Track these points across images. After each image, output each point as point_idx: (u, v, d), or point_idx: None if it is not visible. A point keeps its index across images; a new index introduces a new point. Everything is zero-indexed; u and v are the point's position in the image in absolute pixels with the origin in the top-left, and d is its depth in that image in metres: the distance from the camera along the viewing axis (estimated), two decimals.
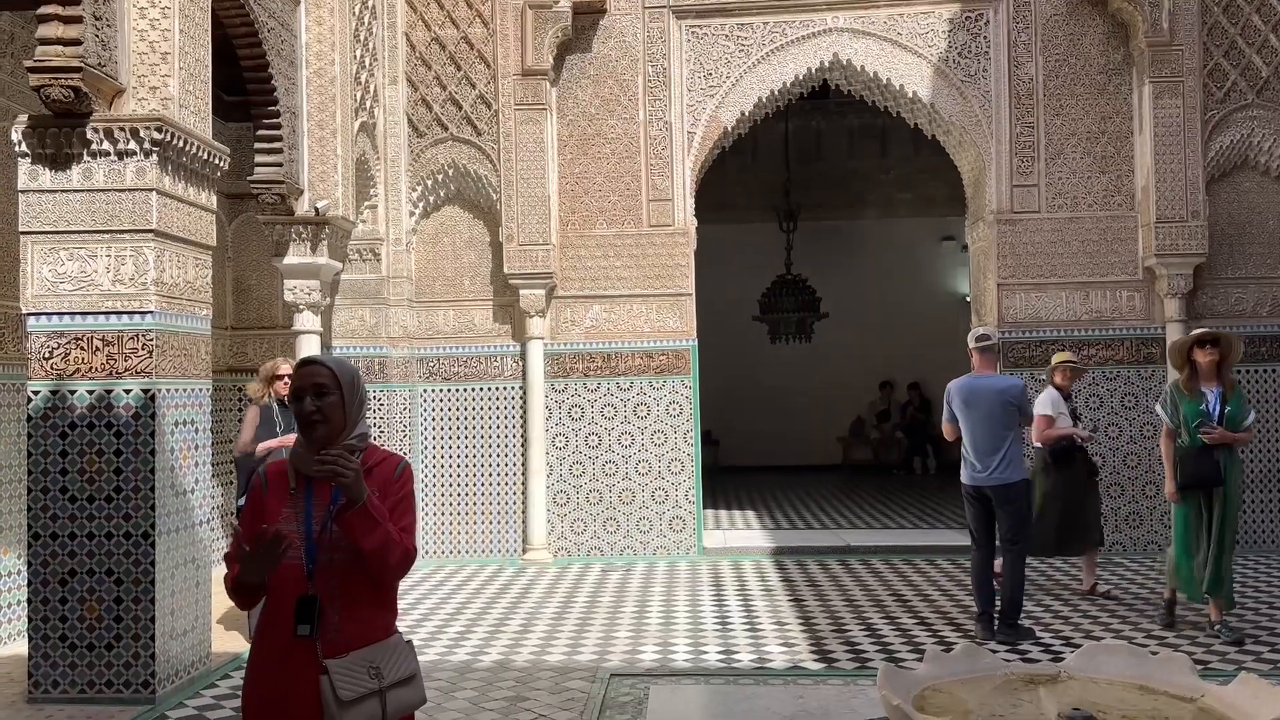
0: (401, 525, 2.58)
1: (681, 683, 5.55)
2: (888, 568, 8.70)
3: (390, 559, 2.51)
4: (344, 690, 2.44)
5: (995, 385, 6.35)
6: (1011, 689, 3.67)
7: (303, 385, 2.59)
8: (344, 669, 2.47)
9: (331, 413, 2.58)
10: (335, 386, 2.60)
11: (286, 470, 2.64)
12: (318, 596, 2.50)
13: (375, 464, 2.64)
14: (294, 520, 2.56)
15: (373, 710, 2.49)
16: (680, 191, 9.35)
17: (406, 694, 2.58)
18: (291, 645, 2.49)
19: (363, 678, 2.48)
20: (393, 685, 2.53)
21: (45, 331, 5.26)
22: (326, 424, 2.57)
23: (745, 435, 17.18)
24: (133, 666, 5.18)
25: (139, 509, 5.25)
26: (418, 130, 9.34)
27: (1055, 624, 6.64)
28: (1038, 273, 9.25)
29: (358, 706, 2.46)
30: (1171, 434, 6.29)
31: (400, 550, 2.53)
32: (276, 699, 2.51)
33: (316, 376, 2.60)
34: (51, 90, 4.98)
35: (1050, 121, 9.28)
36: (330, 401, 2.58)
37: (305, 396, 2.57)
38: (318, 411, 2.56)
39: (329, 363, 2.64)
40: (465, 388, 9.40)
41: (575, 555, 9.27)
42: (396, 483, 2.64)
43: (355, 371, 2.69)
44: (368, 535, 2.47)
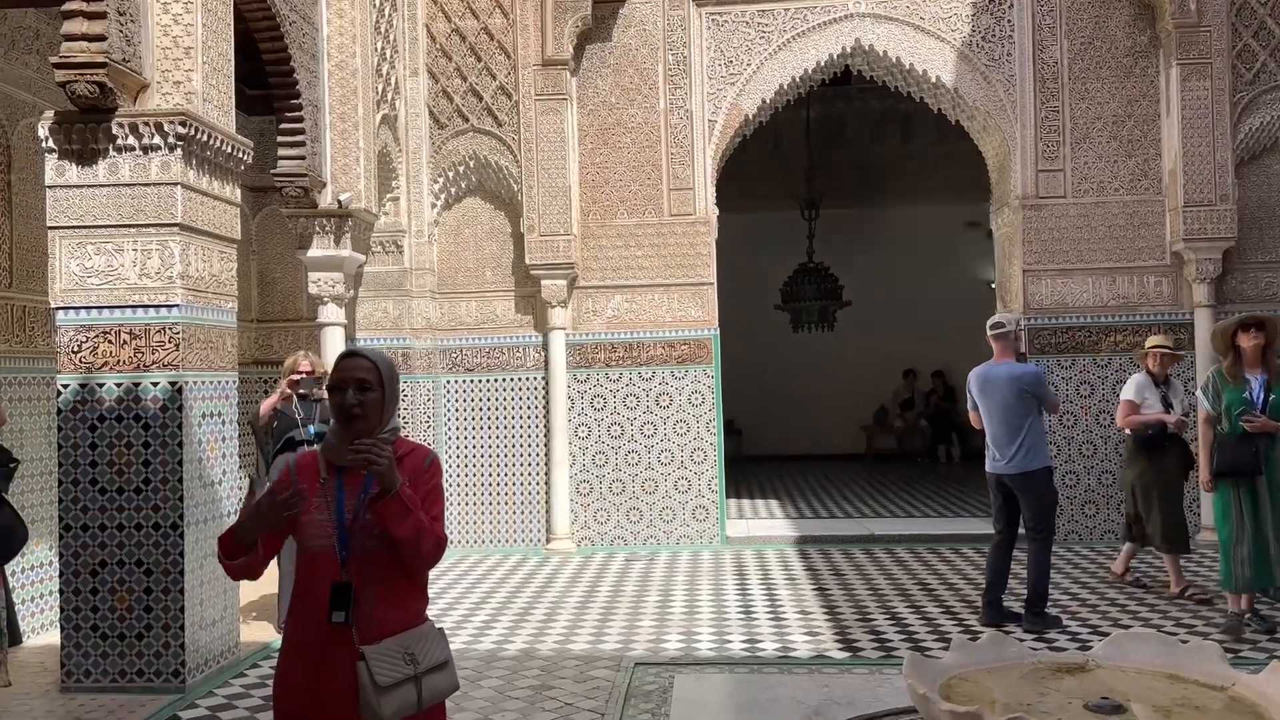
0: (432, 514, 2.60)
1: (706, 672, 5.56)
2: (912, 556, 8.67)
3: (423, 546, 2.54)
4: (381, 676, 2.46)
5: (1009, 373, 6.29)
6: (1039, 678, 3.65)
7: (345, 378, 2.60)
8: (380, 655, 2.49)
9: (371, 408, 2.60)
10: (377, 383, 2.61)
11: (317, 461, 2.66)
12: (352, 584, 2.52)
13: (404, 454, 2.66)
14: (325, 509, 2.58)
15: (409, 696, 2.51)
16: (701, 180, 9.33)
17: (440, 679, 2.60)
18: (326, 633, 2.51)
19: (399, 663, 2.50)
20: (428, 671, 2.56)
21: (74, 325, 5.31)
22: (365, 419, 2.59)
23: (768, 424, 17.15)
24: (163, 656, 5.24)
25: (167, 500, 5.30)
26: (439, 122, 9.35)
27: (1082, 612, 6.60)
28: (1064, 258, 9.16)
29: (394, 692, 2.48)
30: (1209, 421, 6.10)
31: (432, 538, 2.55)
32: (311, 686, 2.53)
33: (360, 371, 2.61)
34: (77, 86, 5.02)
35: (1075, 105, 9.17)
36: (371, 398, 2.60)
37: (347, 389, 2.58)
38: (359, 405, 2.58)
39: (372, 357, 2.65)
40: (488, 379, 9.43)
41: (599, 545, 9.30)
42: (426, 473, 2.65)
43: (395, 368, 2.71)
44: (401, 523, 2.49)
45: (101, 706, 5.01)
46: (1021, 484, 6.24)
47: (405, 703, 2.50)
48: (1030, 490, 6.24)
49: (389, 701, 2.47)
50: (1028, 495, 6.25)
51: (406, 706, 2.51)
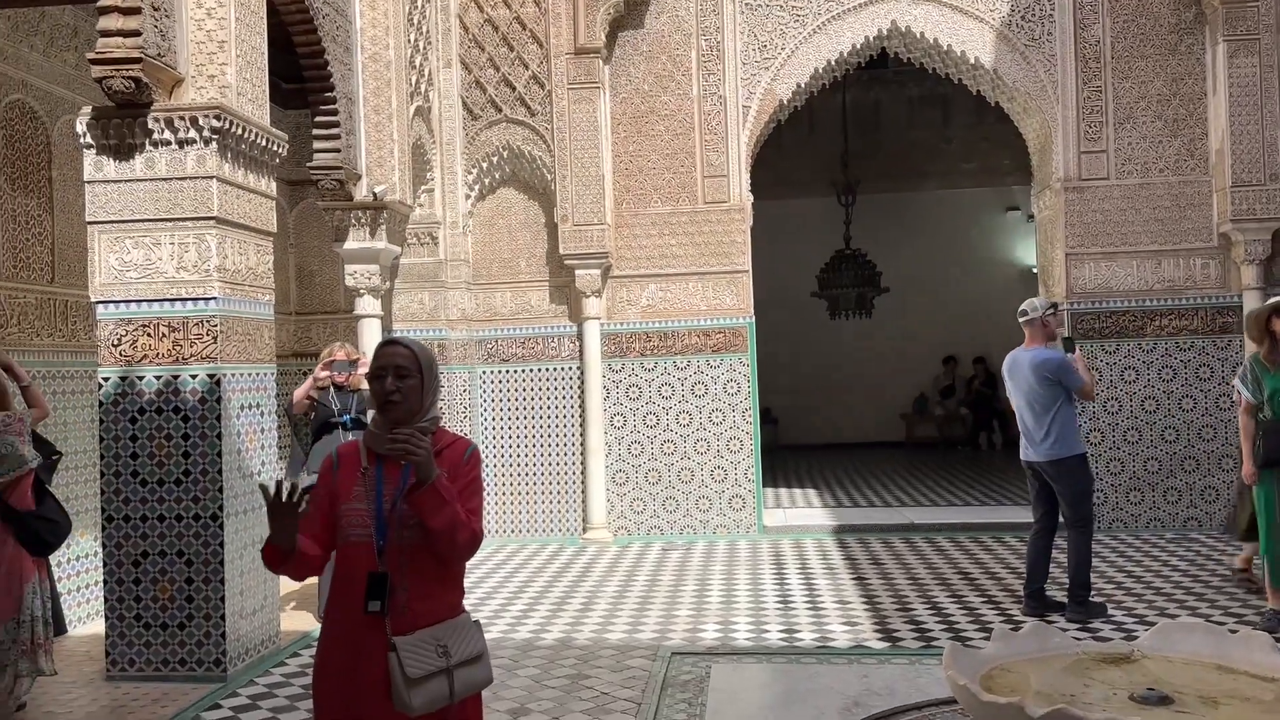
0: (469, 507, 2.59)
1: (743, 661, 5.53)
2: (953, 545, 8.57)
3: (458, 539, 2.53)
4: (412, 668, 2.46)
5: (1033, 359, 6.19)
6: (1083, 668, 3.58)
7: (384, 365, 2.61)
8: (412, 646, 2.49)
9: (410, 395, 2.60)
10: (416, 369, 2.62)
11: (358, 450, 2.67)
12: (388, 573, 2.52)
13: (445, 446, 2.65)
14: (364, 498, 2.58)
15: (440, 689, 2.50)
16: (735, 167, 9.25)
17: (474, 673, 2.59)
18: (361, 622, 2.51)
19: (431, 656, 2.50)
20: (460, 664, 2.55)
21: (113, 319, 5.37)
22: (404, 405, 2.59)
23: (805, 413, 17.05)
24: (204, 645, 5.30)
25: (207, 491, 5.35)
26: (472, 113, 9.36)
27: (1128, 601, 6.48)
28: (1107, 241, 8.98)
29: (425, 684, 2.47)
30: (1251, 409, 5.87)
31: (468, 531, 2.54)
32: (347, 675, 2.54)
33: (398, 358, 2.61)
34: (113, 81, 5.06)
35: (1119, 84, 8.98)
36: (410, 384, 2.60)
37: (386, 376, 2.59)
38: (397, 392, 2.58)
39: (411, 345, 2.66)
40: (523, 369, 9.44)
41: (635, 534, 9.28)
42: (465, 465, 2.65)
43: (434, 356, 2.72)
44: (436, 514, 2.49)
45: (145, 695, 5.08)
46: (1054, 472, 6.15)
47: (436, 695, 2.49)
48: (1063, 478, 6.14)
49: (419, 693, 2.46)
50: (1060, 483, 6.15)
51: (438, 699, 2.50)
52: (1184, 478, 8.84)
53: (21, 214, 6.20)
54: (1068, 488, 6.14)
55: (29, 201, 6.27)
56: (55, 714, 4.86)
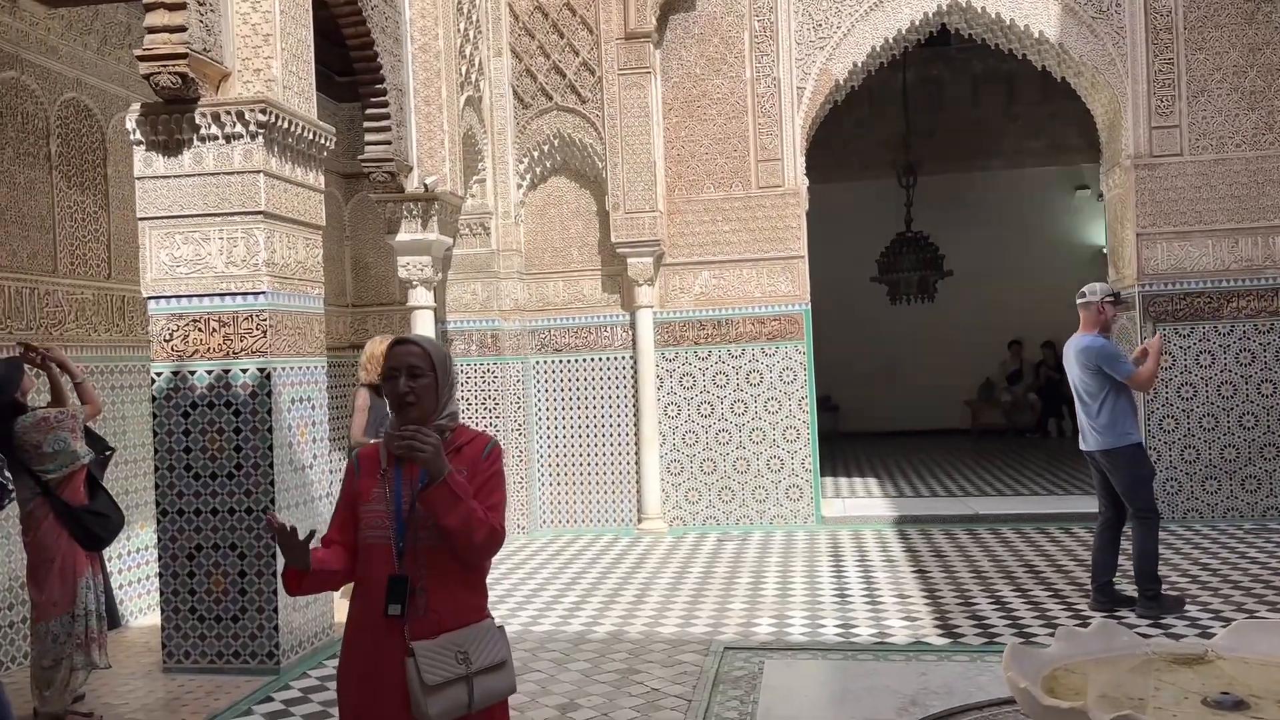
0: (489, 504, 2.52)
1: (798, 657, 5.40)
2: (1019, 537, 8.32)
3: (476, 537, 2.45)
4: (429, 674, 2.39)
5: (1078, 346, 6.00)
6: (1152, 669, 3.41)
7: (397, 365, 2.55)
8: (430, 652, 2.42)
9: (424, 394, 2.54)
10: (429, 368, 2.56)
11: (379, 452, 2.62)
12: (407, 576, 2.46)
13: (465, 443, 2.59)
14: (383, 500, 2.53)
15: (458, 697, 2.42)
16: (790, 150, 9.06)
17: (495, 681, 2.51)
18: (382, 625, 2.46)
19: (450, 662, 2.43)
20: (481, 671, 2.47)
21: (165, 314, 5.41)
22: (419, 405, 2.53)
23: (867, 400, 16.77)
24: (258, 638, 5.33)
25: (259, 485, 5.37)
26: (523, 101, 9.30)
27: (1203, 596, 6.21)
28: (1180, 220, 8.62)
29: (443, 691, 2.40)
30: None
31: (486, 528, 2.47)
32: (368, 679, 2.49)
33: (411, 357, 2.55)
34: (160, 77, 5.08)
35: (1192, 56, 8.60)
36: (424, 383, 2.54)
37: (399, 377, 2.53)
38: (411, 393, 2.53)
39: (423, 343, 2.60)
40: (576, 358, 9.39)
41: (690, 525, 9.19)
42: (485, 461, 2.58)
43: (447, 353, 2.66)
44: (450, 512, 2.42)
45: (200, 687, 5.13)
46: (1108, 462, 5.94)
47: (454, 704, 2.41)
48: (1118, 468, 5.91)
49: (436, 701, 2.39)
50: (1116, 473, 5.93)
51: (455, 708, 2.42)
52: (1263, 465, 8.47)
53: (78, 211, 6.29)
54: (1122, 478, 5.91)
55: (85, 199, 6.36)
56: (113, 705, 4.92)
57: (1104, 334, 6.01)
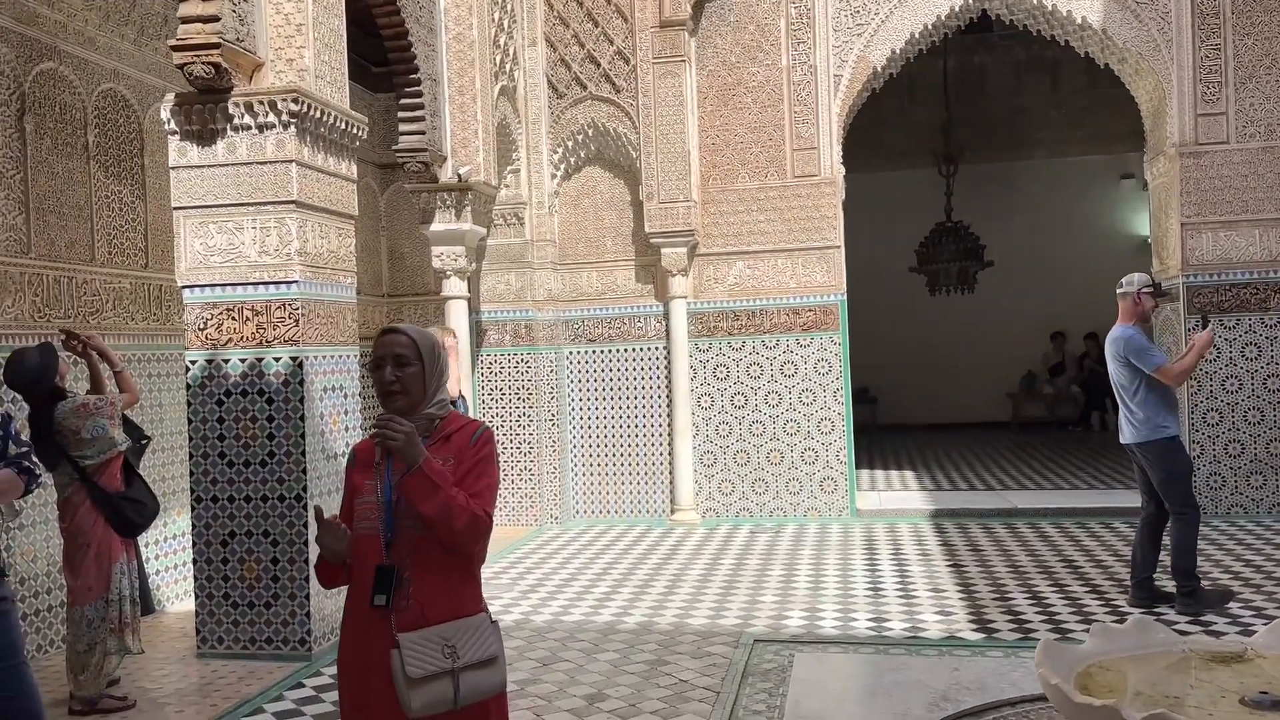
0: (474, 490, 2.46)
1: (828, 650, 5.34)
2: (1058, 531, 8.18)
3: (455, 524, 2.39)
4: (413, 667, 2.34)
5: (1111, 337, 5.90)
6: (1188, 667, 3.32)
7: (383, 355, 2.51)
8: (415, 644, 2.37)
9: (411, 384, 2.50)
10: (416, 357, 2.51)
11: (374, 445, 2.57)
12: (394, 567, 2.43)
13: (454, 430, 2.55)
14: (374, 492, 2.51)
15: (443, 691, 2.36)
16: (826, 139, 8.96)
17: (483, 677, 2.44)
18: (371, 616, 2.43)
19: (435, 655, 2.37)
20: (468, 667, 2.41)
21: (199, 303, 5.46)
22: (406, 395, 2.50)
23: (905, 392, 16.60)
24: (290, 624, 5.38)
25: (291, 473, 5.41)
26: (557, 91, 9.27)
27: (1245, 593, 6.06)
28: (1227, 209, 8.41)
29: (427, 685, 2.35)
30: None
31: (467, 515, 2.40)
32: (359, 670, 2.47)
33: (397, 346, 2.51)
34: (193, 67, 5.12)
35: (1240, 42, 8.38)
36: (411, 372, 2.50)
37: (385, 366, 2.49)
38: (397, 382, 2.49)
39: (410, 331, 2.56)
40: (610, 349, 9.37)
41: (723, 516, 9.14)
42: (473, 447, 2.52)
43: (435, 341, 2.61)
44: (427, 500, 2.38)
45: (232, 673, 5.18)
46: (1144, 455, 5.82)
47: (439, 698, 2.36)
48: (1154, 462, 5.79)
49: (419, 695, 2.33)
50: (1152, 468, 5.81)
51: (440, 702, 2.36)
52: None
53: (115, 201, 6.36)
54: (1158, 472, 5.79)
55: (122, 188, 6.43)
56: (147, 689, 4.99)
57: (1142, 325, 5.89)
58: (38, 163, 5.74)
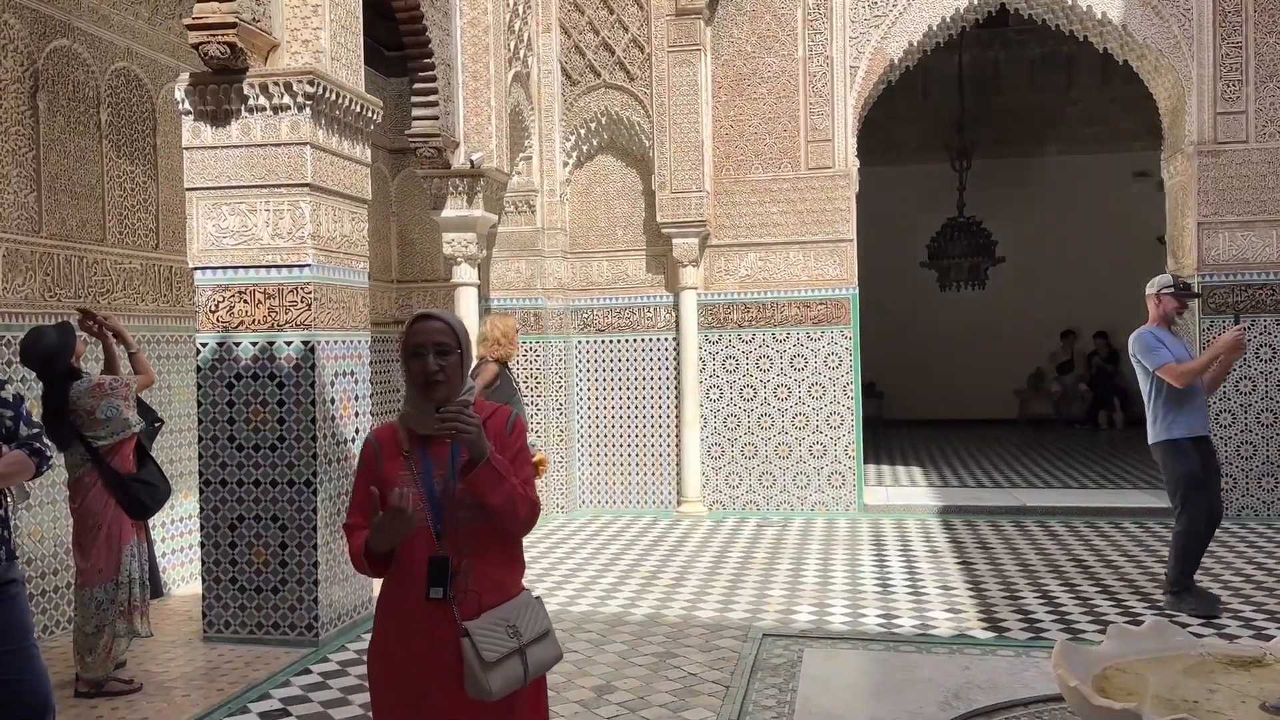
0: (521, 478, 2.48)
1: (838, 646, 5.31)
2: (1067, 530, 8.14)
3: (520, 512, 2.44)
4: (487, 651, 2.36)
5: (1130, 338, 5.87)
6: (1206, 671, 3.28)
7: (423, 343, 2.46)
8: (484, 629, 2.39)
9: (453, 372, 2.48)
10: (456, 345, 2.49)
11: (395, 432, 2.53)
12: (449, 557, 2.42)
13: (486, 417, 2.52)
14: (412, 482, 2.46)
15: (515, 669, 2.41)
16: (841, 131, 8.90)
17: (544, 650, 2.50)
18: (424, 609, 2.41)
19: (503, 637, 2.41)
20: (531, 642, 2.46)
21: (211, 285, 5.42)
22: (448, 384, 2.47)
23: (912, 387, 16.54)
24: (297, 610, 5.35)
25: (301, 457, 5.38)
26: (570, 78, 9.21)
27: (1258, 596, 6.02)
28: (1244, 209, 8.34)
29: (501, 666, 2.38)
30: None
31: (527, 503, 2.45)
32: (415, 665, 2.44)
33: (438, 334, 2.47)
34: (208, 46, 5.07)
35: (1262, 40, 8.30)
36: (452, 361, 2.47)
37: (427, 354, 2.45)
38: (441, 371, 2.45)
39: (448, 319, 2.52)
40: (619, 339, 9.32)
41: (730, 509, 9.11)
42: (510, 436, 2.53)
43: (465, 326, 2.61)
44: (495, 491, 2.38)
45: (239, 658, 5.15)
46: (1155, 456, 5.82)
47: (512, 676, 2.40)
48: (1162, 465, 5.78)
49: (496, 677, 2.37)
50: (1162, 470, 5.81)
51: (514, 680, 2.41)
52: None
53: (127, 181, 6.32)
54: (1165, 474, 5.78)
55: (134, 168, 6.39)
56: (153, 673, 4.96)
57: (1164, 326, 5.82)
58: (50, 141, 5.70)
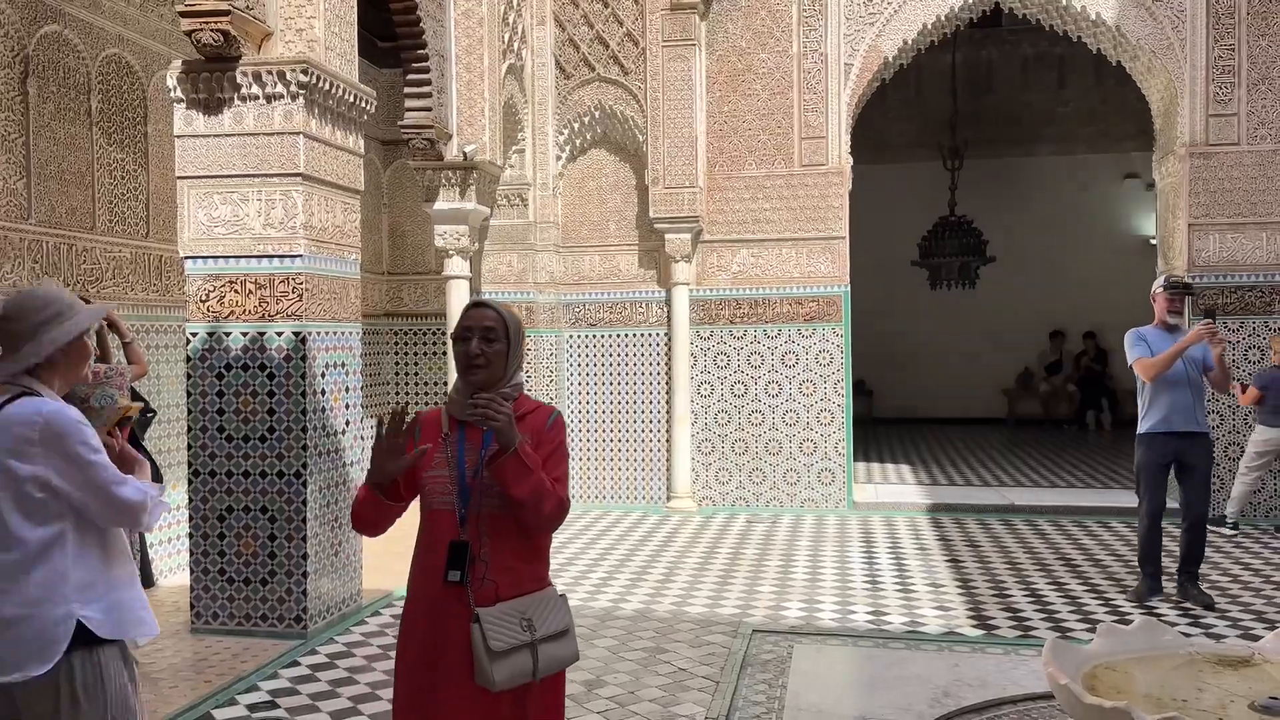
0: (555, 475, 2.48)
1: (828, 643, 5.32)
2: (1055, 529, 8.17)
3: (544, 508, 2.42)
4: (495, 640, 2.36)
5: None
6: (1195, 670, 3.30)
7: (470, 327, 2.51)
8: (495, 618, 2.39)
9: (495, 359, 2.50)
10: (504, 334, 2.51)
11: (440, 416, 2.58)
12: (469, 542, 2.43)
13: (527, 413, 2.53)
14: (445, 465, 2.49)
15: (523, 664, 2.39)
16: (835, 128, 8.89)
17: (558, 649, 2.48)
18: (444, 592, 2.43)
19: (514, 629, 2.40)
20: (544, 639, 2.44)
21: (202, 275, 5.39)
22: (488, 369, 2.49)
23: (901, 386, 16.58)
24: (285, 602, 5.33)
25: (291, 449, 5.35)
26: (564, 71, 9.19)
27: (1244, 596, 6.05)
28: (1235, 211, 8.38)
29: (508, 658, 2.37)
30: None
31: (554, 499, 2.43)
32: (430, 646, 2.46)
33: (486, 320, 2.51)
34: (202, 34, 5.03)
35: (1254, 43, 8.33)
36: (496, 349, 2.50)
37: (472, 339, 2.49)
38: (482, 356, 2.48)
39: (499, 308, 2.56)
40: (610, 333, 9.31)
41: (720, 505, 9.11)
42: (549, 432, 2.53)
43: (521, 321, 2.61)
44: (519, 483, 2.38)
45: (227, 649, 5.13)
46: None
47: (519, 670, 2.39)
48: None
49: (501, 668, 2.36)
50: None
51: (520, 674, 2.39)
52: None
53: (117, 168, 6.28)
54: None
55: (124, 156, 6.34)
56: (140, 664, 4.90)
57: (1161, 325, 5.89)
58: (40, 127, 5.65)
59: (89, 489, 2.35)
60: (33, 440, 2.31)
